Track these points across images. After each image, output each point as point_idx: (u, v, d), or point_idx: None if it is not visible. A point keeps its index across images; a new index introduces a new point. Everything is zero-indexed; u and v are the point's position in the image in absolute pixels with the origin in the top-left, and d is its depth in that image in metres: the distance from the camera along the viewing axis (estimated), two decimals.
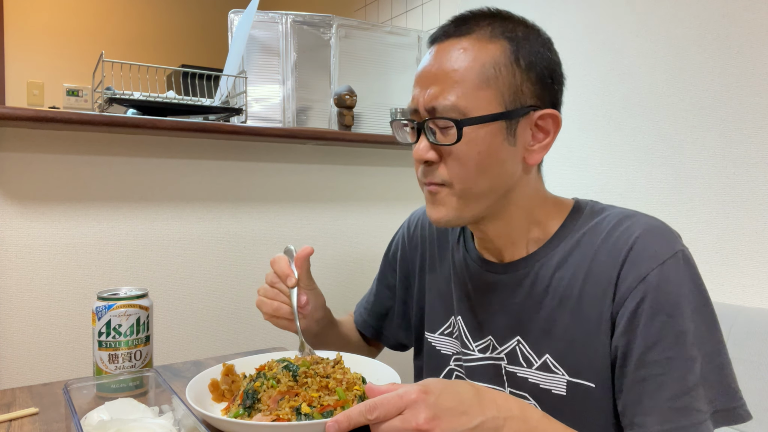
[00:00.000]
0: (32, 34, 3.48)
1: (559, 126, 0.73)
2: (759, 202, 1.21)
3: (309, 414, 0.65)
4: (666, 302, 0.65)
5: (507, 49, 0.69)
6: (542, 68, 0.71)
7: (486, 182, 0.70)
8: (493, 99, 0.68)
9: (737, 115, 1.25)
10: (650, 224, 0.69)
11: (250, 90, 1.61)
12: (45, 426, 0.72)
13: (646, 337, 0.65)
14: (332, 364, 0.77)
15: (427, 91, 0.70)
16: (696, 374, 0.64)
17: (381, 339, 1.04)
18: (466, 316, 0.84)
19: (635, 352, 0.66)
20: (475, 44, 0.69)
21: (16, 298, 1.28)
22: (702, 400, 0.64)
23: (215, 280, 1.53)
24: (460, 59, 0.68)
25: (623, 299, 0.67)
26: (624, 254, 0.68)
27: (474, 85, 0.68)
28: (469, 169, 0.69)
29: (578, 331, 0.70)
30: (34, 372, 1.30)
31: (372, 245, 1.80)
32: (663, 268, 0.65)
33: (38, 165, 1.30)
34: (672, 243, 0.68)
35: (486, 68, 0.68)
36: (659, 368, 0.64)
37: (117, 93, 1.38)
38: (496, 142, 0.69)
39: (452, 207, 0.72)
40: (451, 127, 0.68)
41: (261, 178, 1.60)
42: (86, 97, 2.79)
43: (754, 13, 1.22)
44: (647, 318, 0.65)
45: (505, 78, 0.69)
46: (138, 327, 0.82)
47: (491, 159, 0.70)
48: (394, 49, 1.93)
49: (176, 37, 4.00)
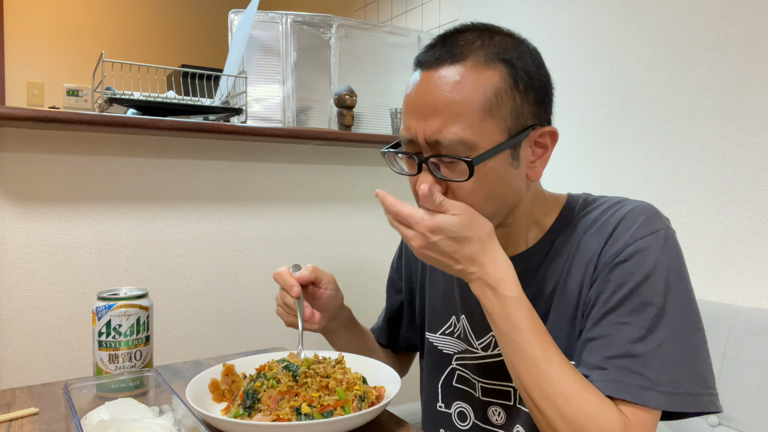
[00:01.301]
0: (32, 34, 3.48)
1: (556, 139, 0.72)
2: (759, 202, 1.21)
3: (309, 414, 0.65)
4: (637, 271, 0.65)
5: (505, 74, 0.67)
6: (539, 87, 0.70)
7: (493, 207, 0.70)
8: (498, 128, 0.66)
9: (737, 115, 1.25)
10: (638, 206, 0.71)
11: (250, 90, 1.61)
12: (45, 426, 0.72)
13: (609, 302, 0.66)
14: (333, 364, 0.77)
15: (427, 123, 0.67)
16: (649, 345, 0.63)
17: (392, 344, 1.04)
18: (468, 315, 0.84)
19: (594, 316, 0.67)
20: (472, 71, 0.66)
21: (16, 298, 1.28)
22: (654, 372, 0.62)
23: (215, 280, 1.53)
24: (459, 89, 0.65)
25: (601, 271, 0.68)
26: (608, 233, 0.69)
27: (478, 116, 0.65)
28: (479, 198, 0.68)
29: (564, 313, 0.72)
30: (34, 372, 1.30)
31: (372, 245, 1.80)
32: (642, 242, 0.67)
33: (38, 165, 1.30)
34: (656, 222, 0.69)
35: (488, 97, 0.66)
36: (612, 329, 0.65)
37: (117, 93, 1.38)
38: (503, 170, 0.68)
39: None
40: (457, 164, 0.67)
41: (261, 178, 1.60)
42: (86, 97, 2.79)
43: (754, 13, 1.23)
44: (615, 285, 0.66)
45: (507, 104, 0.67)
46: (138, 327, 0.82)
47: (499, 186, 0.69)
48: (394, 49, 1.93)
49: (176, 37, 4.00)
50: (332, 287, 0.90)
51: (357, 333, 0.99)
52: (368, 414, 0.67)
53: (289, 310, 0.86)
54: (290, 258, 1.64)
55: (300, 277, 0.85)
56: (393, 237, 1.83)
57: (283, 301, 0.87)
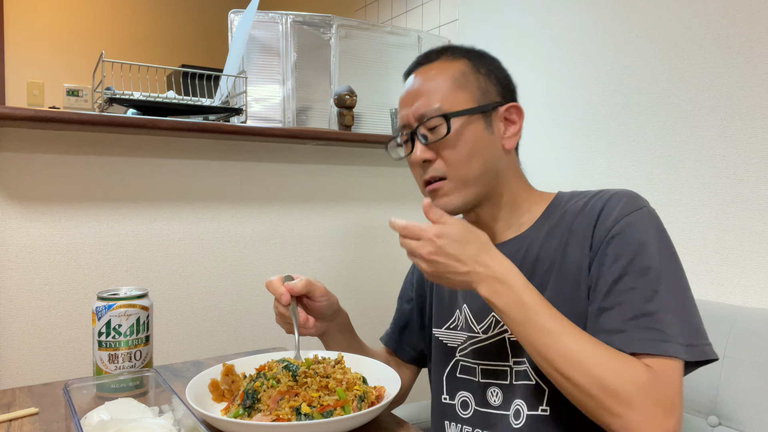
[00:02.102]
0: (32, 34, 3.48)
1: (522, 115, 0.87)
2: (759, 202, 1.21)
3: (309, 414, 0.65)
4: (631, 242, 0.74)
5: (468, 64, 0.86)
6: (499, 75, 0.88)
7: (478, 165, 0.83)
8: (468, 98, 0.84)
9: (737, 115, 1.25)
10: (620, 190, 0.81)
11: (250, 90, 1.61)
12: (45, 426, 0.72)
13: (613, 272, 0.73)
14: (333, 364, 0.77)
15: (414, 106, 0.84)
16: (659, 304, 0.70)
17: (399, 351, 1.07)
18: (470, 302, 0.90)
19: (602, 287, 0.74)
20: (443, 65, 0.86)
21: (16, 298, 1.28)
22: (668, 326, 0.68)
23: (215, 280, 1.53)
24: (434, 76, 0.85)
25: (597, 247, 0.76)
26: (598, 211, 0.78)
27: (450, 89, 0.84)
28: (463, 155, 0.82)
29: (564, 288, 0.78)
30: (34, 372, 1.30)
31: (372, 245, 1.80)
32: (629, 217, 0.75)
33: (38, 165, 1.30)
34: (639, 201, 0.78)
35: (456, 77, 0.85)
36: (623, 297, 0.71)
37: (117, 93, 1.38)
38: (478, 131, 0.83)
39: (454, 195, 0.84)
40: (440, 125, 0.82)
41: (261, 178, 1.60)
42: (86, 97, 2.79)
43: (754, 13, 1.22)
44: (614, 257, 0.74)
45: (472, 82, 0.85)
46: (138, 327, 0.82)
47: (478, 144, 0.83)
48: (394, 49, 1.93)
49: (176, 37, 4.00)
50: (325, 299, 0.92)
51: (354, 339, 1.02)
52: (368, 414, 0.67)
53: (285, 318, 0.89)
54: (290, 258, 1.64)
55: (291, 288, 0.88)
56: (393, 237, 1.83)
57: (277, 310, 0.90)
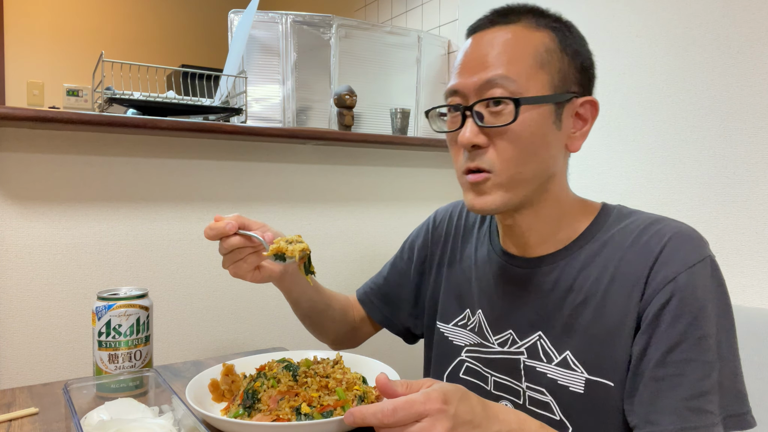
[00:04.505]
0: (32, 33, 3.48)
1: (597, 113, 0.75)
2: (759, 202, 1.21)
3: (309, 414, 0.65)
4: (692, 305, 0.65)
5: (554, 38, 0.72)
6: (584, 57, 0.75)
7: (533, 166, 0.71)
8: (546, 82, 0.70)
9: (737, 115, 1.25)
10: (681, 228, 0.71)
11: (250, 90, 1.61)
12: (45, 426, 0.72)
13: (669, 337, 0.65)
14: (332, 364, 0.77)
15: (476, 75, 0.70)
16: (712, 379, 0.64)
17: (389, 325, 1.03)
18: (486, 309, 0.84)
19: (656, 351, 0.66)
20: (524, 31, 0.71)
21: (16, 298, 1.28)
22: (715, 403, 0.64)
23: (215, 280, 1.53)
24: (512, 43, 0.70)
25: (651, 297, 0.67)
26: (655, 255, 0.68)
27: (529, 66, 0.69)
28: (520, 151, 0.70)
29: (600, 329, 0.71)
30: (34, 372, 1.30)
31: (372, 245, 1.80)
32: (692, 271, 0.66)
33: (38, 165, 1.30)
34: (702, 249, 0.69)
35: (539, 52, 0.70)
36: (678, 368, 0.65)
37: (117, 93, 1.38)
38: (546, 125, 0.71)
39: (497, 194, 0.72)
40: (503, 109, 0.69)
41: (261, 178, 1.60)
42: (86, 97, 2.79)
43: (754, 13, 1.22)
44: (672, 318, 0.65)
45: (555, 63, 0.71)
46: (138, 327, 0.82)
47: (541, 141, 0.71)
48: (394, 49, 1.93)
49: (176, 37, 4.00)
50: (272, 231, 0.82)
51: (318, 286, 0.96)
52: None
53: (239, 253, 0.80)
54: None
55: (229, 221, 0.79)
56: (394, 237, 1.83)
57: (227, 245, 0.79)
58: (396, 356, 1.43)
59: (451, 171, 1.90)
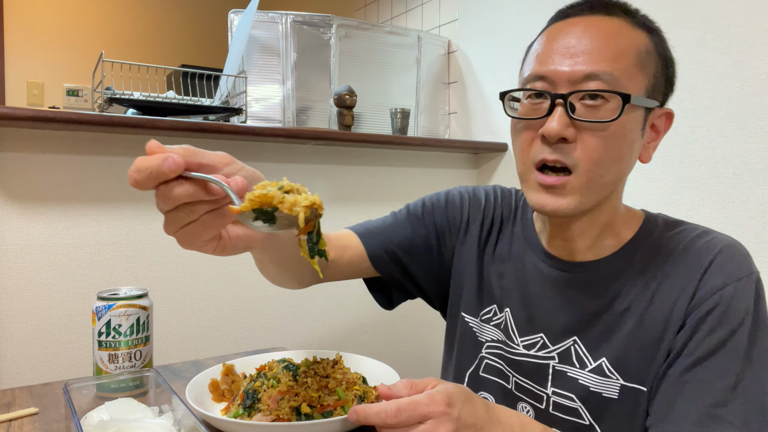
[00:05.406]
0: (32, 33, 3.48)
1: (670, 127, 0.73)
2: (758, 202, 1.21)
3: (309, 414, 0.65)
4: (733, 316, 0.65)
5: (651, 42, 0.69)
6: (672, 68, 0.72)
7: (614, 171, 0.67)
8: (643, 86, 0.67)
9: (737, 115, 1.25)
10: (731, 242, 0.71)
11: (250, 90, 1.61)
12: (45, 426, 0.72)
13: (705, 344, 0.65)
14: (332, 364, 0.77)
15: (579, 59, 0.65)
16: (738, 391, 0.64)
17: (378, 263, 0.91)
18: (516, 309, 0.81)
19: (689, 356, 0.66)
20: (626, 26, 0.67)
21: (16, 298, 1.28)
22: (737, 416, 0.63)
23: (215, 280, 1.53)
24: (616, 36, 0.66)
25: (698, 304, 0.67)
26: (706, 264, 0.68)
27: (633, 64, 0.66)
28: (609, 152, 0.66)
29: (642, 337, 0.70)
30: (34, 372, 1.30)
31: None
32: (739, 284, 0.66)
33: (38, 165, 1.30)
34: (750, 264, 0.69)
35: (641, 51, 0.67)
36: (707, 374, 0.65)
37: (117, 93, 1.38)
38: (636, 130, 0.68)
39: (574, 198, 0.67)
40: (601, 105, 0.64)
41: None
42: (86, 97, 2.79)
43: (754, 13, 1.22)
44: (712, 326, 0.65)
45: (651, 67, 0.68)
46: (138, 327, 0.82)
47: (629, 146, 0.67)
48: (394, 49, 1.93)
49: (176, 37, 4.00)
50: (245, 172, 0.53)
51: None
52: None
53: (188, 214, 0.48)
54: None
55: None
56: None
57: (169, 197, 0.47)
58: (396, 356, 1.43)
59: (451, 171, 1.89)
